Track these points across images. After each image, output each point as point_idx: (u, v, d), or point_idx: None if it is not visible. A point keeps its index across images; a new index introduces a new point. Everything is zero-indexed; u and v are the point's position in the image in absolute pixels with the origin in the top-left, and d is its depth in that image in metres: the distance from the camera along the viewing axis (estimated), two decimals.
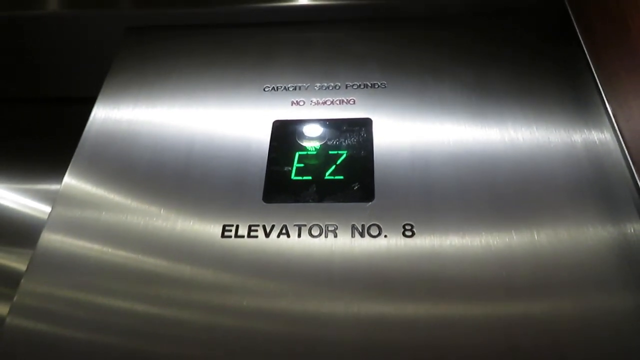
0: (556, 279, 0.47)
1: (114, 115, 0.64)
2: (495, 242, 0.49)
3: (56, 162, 0.65)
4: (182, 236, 0.52)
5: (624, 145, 0.50)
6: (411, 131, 0.58)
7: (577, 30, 0.59)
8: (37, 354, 0.47)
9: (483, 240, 0.49)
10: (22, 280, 0.51)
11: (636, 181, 0.48)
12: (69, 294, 0.50)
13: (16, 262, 0.75)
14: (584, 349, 0.44)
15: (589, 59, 0.56)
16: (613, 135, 0.54)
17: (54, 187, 0.79)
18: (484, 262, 0.48)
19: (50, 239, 0.54)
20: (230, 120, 0.62)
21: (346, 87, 0.63)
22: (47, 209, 0.75)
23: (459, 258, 0.49)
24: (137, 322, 0.48)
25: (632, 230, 0.49)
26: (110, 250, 0.52)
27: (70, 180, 0.58)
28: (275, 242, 0.51)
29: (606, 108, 0.54)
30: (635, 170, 0.48)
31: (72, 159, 0.60)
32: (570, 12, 0.61)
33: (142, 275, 0.51)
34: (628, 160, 0.50)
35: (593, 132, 0.56)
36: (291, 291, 0.49)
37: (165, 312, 0.49)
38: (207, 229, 0.52)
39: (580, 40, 0.58)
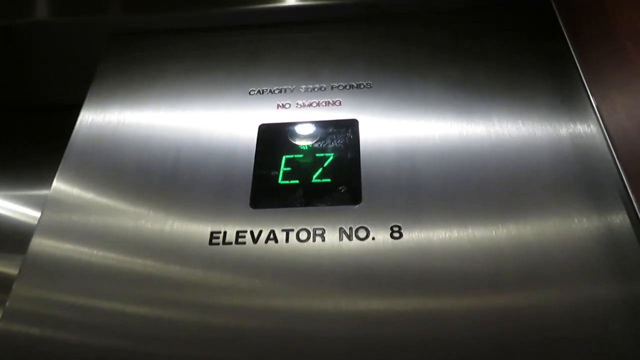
0: (544, 272, 0.47)
1: (101, 120, 0.64)
2: (483, 240, 0.50)
3: (44, 168, 0.66)
4: (170, 243, 0.53)
5: (608, 139, 0.50)
6: (397, 131, 0.58)
7: (562, 27, 0.59)
8: (31, 358, 0.48)
9: (471, 239, 0.50)
10: (14, 285, 0.51)
11: (621, 174, 0.48)
12: (60, 297, 0.51)
13: (7, 268, 0.75)
14: (572, 339, 0.44)
15: (574, 55, 0.56)
16: (598, 129, 0.54)
17: (42, 192, 0.79)
18: (473, 260, 0.48)
19: (40, 243, 0.54)
20: (216, 125, 0.61)
21: (332, 88, 0.63)
22: (36, 214, 0.75)
23: (447, 257, 0.49)
24: (129, 323, 0.48)
25: (618, 222, 0.49)
26: (100, 253, 0.53)
27: (59, 185, 0.58)
28: (264, 248, 0.51)
29: (591, 103, 0.54)
30: (620, 164, 0.49)
31: (60, 165, 0.60)
32: (555, 8, 0.61)
33: (133, 277, 0.51)
34: (613, 154, 0.50)
35: (579, 126, 0.56)
36: (281, 292, 0.49)
37: (156, 312, 0.49)
38: (195, 236, 0.53)
39: (565, 37, 0.58)
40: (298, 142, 0.59)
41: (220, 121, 0.62)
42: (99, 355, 0.47)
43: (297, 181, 0.56)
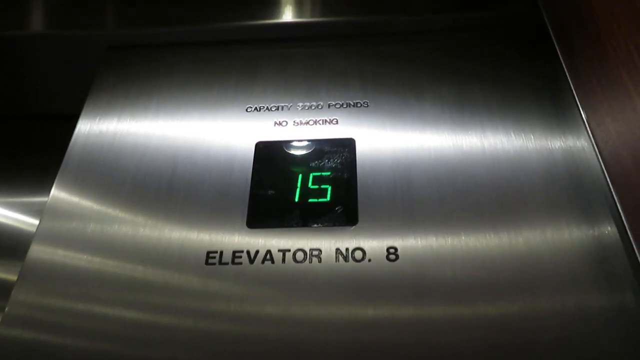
0: (536, 284, 0.48)
1: (98, 132, 0.64)
2: (479, 261, 0.50)
3: (42, 176, 0.66)
4: (167, 260, 0.53)
5: (601, 162, 0.51)
6: (394, 150, 0.59)
7: (557, 48, 0.59)
8: None
9: (467, 262, 0.50)
10: (13, 291, 0.52)
11: (612, 191, 0.49)
12: (59, 303, 0.51)
13: (6, 274, 0.75)
14: (561, 348, 0.45)
15: (568, 77, 0.57)
16: (591, 149, 0.54)
17: (41, 200, 0.79)
18: (468, 280, 0.49)
19: (39, 250, 0.54)
20: (213, 142, 0.61)
21: (329, 106, 0.64)
22: (35, 221, 0.76)
23: (443, 279, 0.49)
24: (126, 329, 0.49)
25: (607, 235, 0.50)
26: (98, 259, 0.53)
27: (57, 193, 0.59)
28: (260, 269, 0.51)
29: (585, 125, 0.54)
30: (612, 186, 0.49)
31: (59, 173, 0.61)
32: (550, 30, 0.61)
33: (131, 284, 0.51)
34: (605, 175, 0.50)
35: (572, 146, 0.57)
36: (276, 313, 0.49)
37: (154, 318, 0.49)
38: (191, 256, 0.53)
39: (559, 57, 0.59)
40: (295, 161, 0.59)
41: (217, 138, 0.62)
42: None
43: (293, 201, 0.56)
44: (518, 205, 0.53)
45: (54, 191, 0.59)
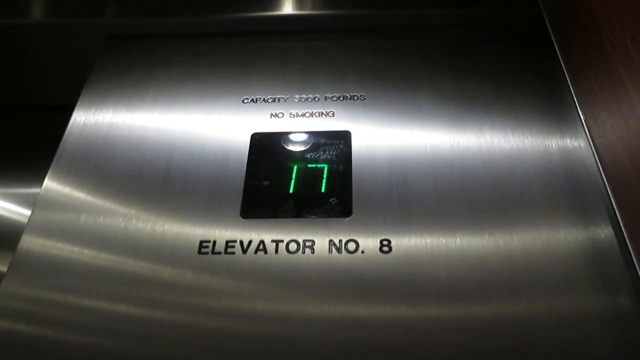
0: (531, 284, 0.48)
1: (93, 122, 0.64)
2: (473, 255, 0.50)
3: (36, 167, 0.66)
4: (159, 249, 0.52)
5: (597, 159, 0.51)
6: (390, 144, 0.59)
7: (555, 45, 0.59)
8: (19, 355, 0.48)
9: (460, 255, 0.50)
10: (3, 282, 0.51)
11: (608, 192, 0.49)
12: (49, 295, 0.51)
13: None
14: (555, 350, 0.45)
15: (566, 74, 0.57)
16: (588, 147, 0.54)
17: (33, 191, 0.79)
18: (461, 275, 0.49)
19: (30, 241, 0.54)
20: (208, 132, 0.61)
21: (325, 98, 0.64)
22: (27, 212, 0.76)
23: (436, 272, 0.49)
24: (117, 323, 0.49)
25: (603, 235, 0.50)
26: (90, 252, 0.53)
27: (50, 184, 0.58)
28: (253, 259, 0.51)
29: (582, 122, 0.54)
30: (608, 184, 0.49)
31: (52, 163, 0.60)
32: (548, 27, 0.61)
33: (122, 277, 0.51)
34: (601, 173, 0.50)
35: (569, 143, 0.57)
36: (268, 302, 0.49)
37: (146, 311, 0.49)
38: (184, 245, 0.52)
39: (558, 55, 0.59)
40: (290, 153, 0.59)
41: (213, 129, 0.62)
42: (87, 353, 0.47)
43: (288, 192, 0.56)
44: (514, 203, 0.53)
45: (47, 182, 0.59)
